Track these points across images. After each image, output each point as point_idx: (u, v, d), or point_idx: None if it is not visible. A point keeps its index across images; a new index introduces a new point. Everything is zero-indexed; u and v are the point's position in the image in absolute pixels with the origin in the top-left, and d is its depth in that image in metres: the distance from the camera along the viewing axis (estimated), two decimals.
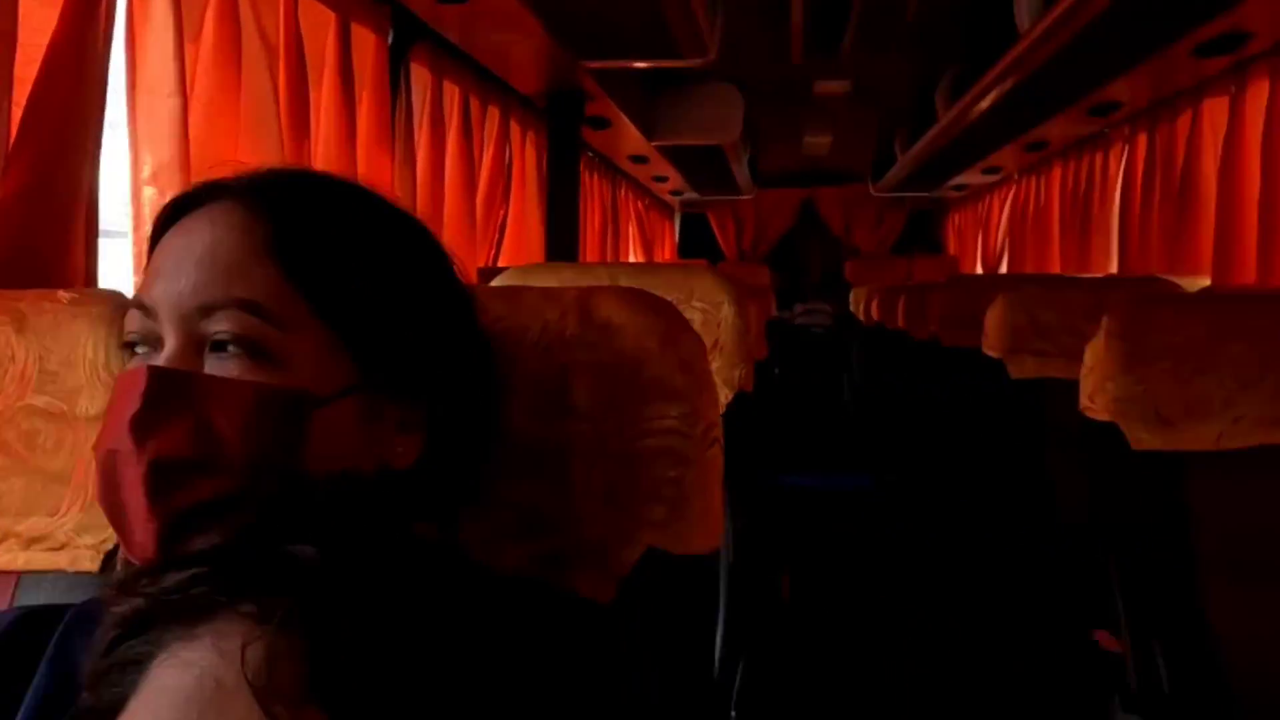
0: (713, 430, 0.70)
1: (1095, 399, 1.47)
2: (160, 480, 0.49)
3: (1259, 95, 2.68)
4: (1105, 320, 1.47)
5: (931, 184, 5.94)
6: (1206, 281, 2.76)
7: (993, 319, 2.25)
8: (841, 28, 3.16)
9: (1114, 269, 3.77)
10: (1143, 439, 1.41)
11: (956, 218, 7.26)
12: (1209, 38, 2.37)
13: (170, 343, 0.53)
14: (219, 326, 0.52)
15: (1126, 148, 3.69)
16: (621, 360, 0.69)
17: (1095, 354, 1.48)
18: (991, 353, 2.25)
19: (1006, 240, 5.60)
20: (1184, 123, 3.15)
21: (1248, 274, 2.69)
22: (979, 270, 6.19)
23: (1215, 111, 2.98)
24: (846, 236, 7.78)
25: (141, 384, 0.50)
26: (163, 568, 0.38)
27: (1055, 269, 4.47)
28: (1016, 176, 5.31)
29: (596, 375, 0.70)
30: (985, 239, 6.15)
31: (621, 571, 0.69)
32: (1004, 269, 5.59)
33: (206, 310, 0.53)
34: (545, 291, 0.74)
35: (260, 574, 0.36)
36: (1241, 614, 1.32)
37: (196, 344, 0.53)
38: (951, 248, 7.39)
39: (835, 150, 5.75)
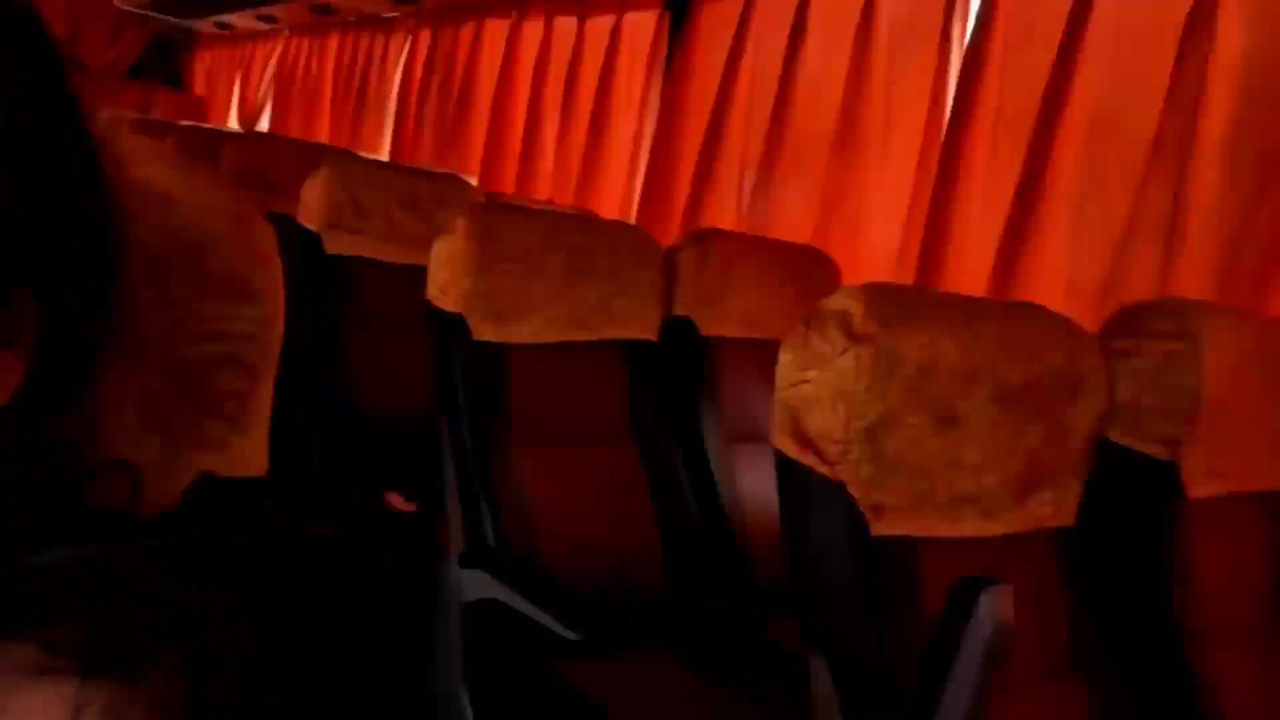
0: (281, 336, 0.61)
1: (447, 291, 1.61)
2: None
3: (535, 30, 3.12)
4: (463, 221, 1.61)
5: (194, 11, 5.40)
6: (475, 181, 3.14)
7: (314, 190, 2.23)
8: None
9: (385, 153, 4.00)
10: (484, 331, 1.61)
11: (209, 56, 6.73)
12: None
13: None
14: None
15: (411, 38, 3.91)
16: (178, 243, 0.56)
17: (450, 250, 1.61)
18: (310, 225, 2.23)
19: (270, 96, 5.43)
20: (468, 33, 3.47)
21: (509, 184, 3.16)
22: (233, 122, 5.88)
23: (495, 31, 3.36)
24: (70, 45, 6.57)
25: None
26: None
27: (324, 139, 4.53)
28: (289, 33, 5.16)
29: (140, 259, 0.55)
30: (244, 89, 5.86)
31: (166, 503, 0.57)
32: (264, 127, 5.43)
33: None
34: None
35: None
36: (543, 474, 1.63)
37: None
38: (198, 88, 6.84)
39: None
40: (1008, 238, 1.65)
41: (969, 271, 1.71)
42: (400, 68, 3.98)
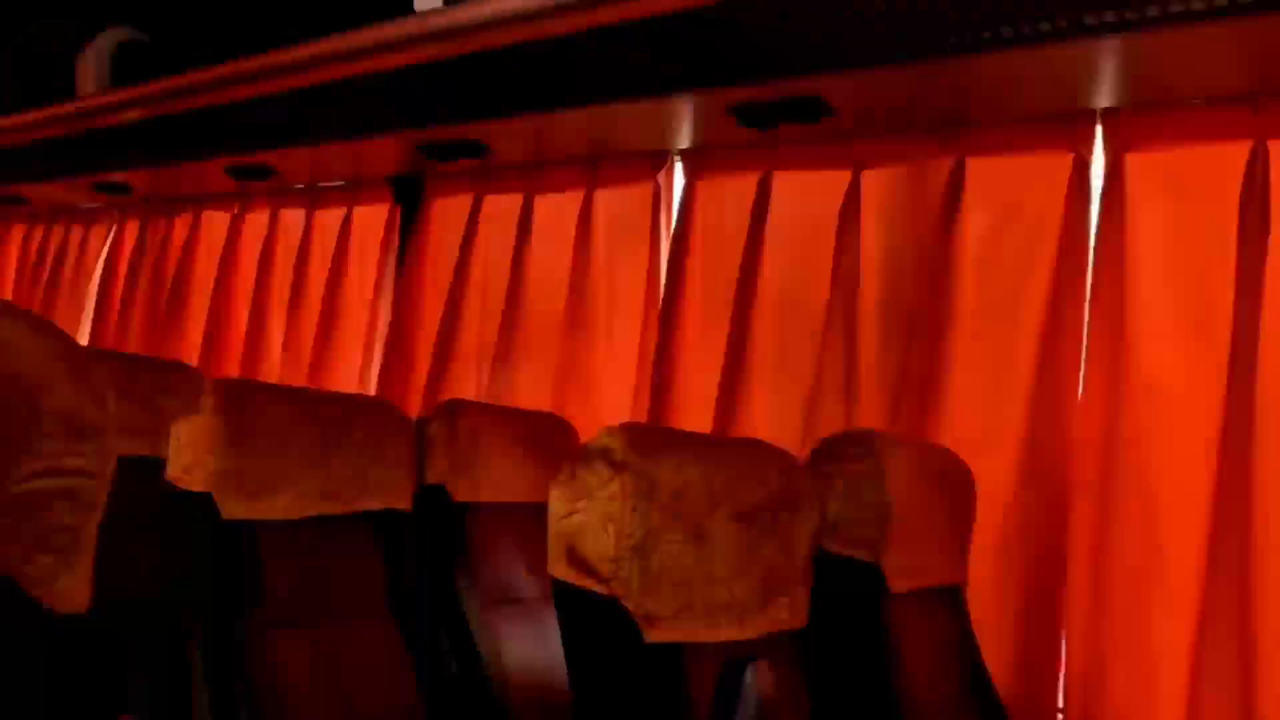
0: (114, 471, 0.64)
1: (192, 471, 1.57)
2: None
3: (259, 220, 3.16)
4: (209, 399, 1.59)
5: None
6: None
7: None
8: None
9: (83, 343, 3.73)
10: (233, 510, 1.57)
11: None
12: (245, 164, 2.73)
13: None
14: None
15: (116, 228, 3.76)
16: (15, 386, 0.59)
17: (195, 429, 1.58)
18: None
19: None
20: (183, 223, 3.42)
21: (232, 372, 3.07)
22: None
23: (215, 221, 3.34)
24: None
25: None
26: None
27: None
28: None
29: None
30: None
31: None
32: None
33: None
34: None
35: None
36: (300, 657, 1.57)
37: None
38: None
39: None
40: (722, 396, 1.90)
41: (693, 424, 1.93)
42: (102, 259, 3.80)
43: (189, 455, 1.57)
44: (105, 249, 3.80)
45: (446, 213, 2.59)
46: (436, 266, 2.58)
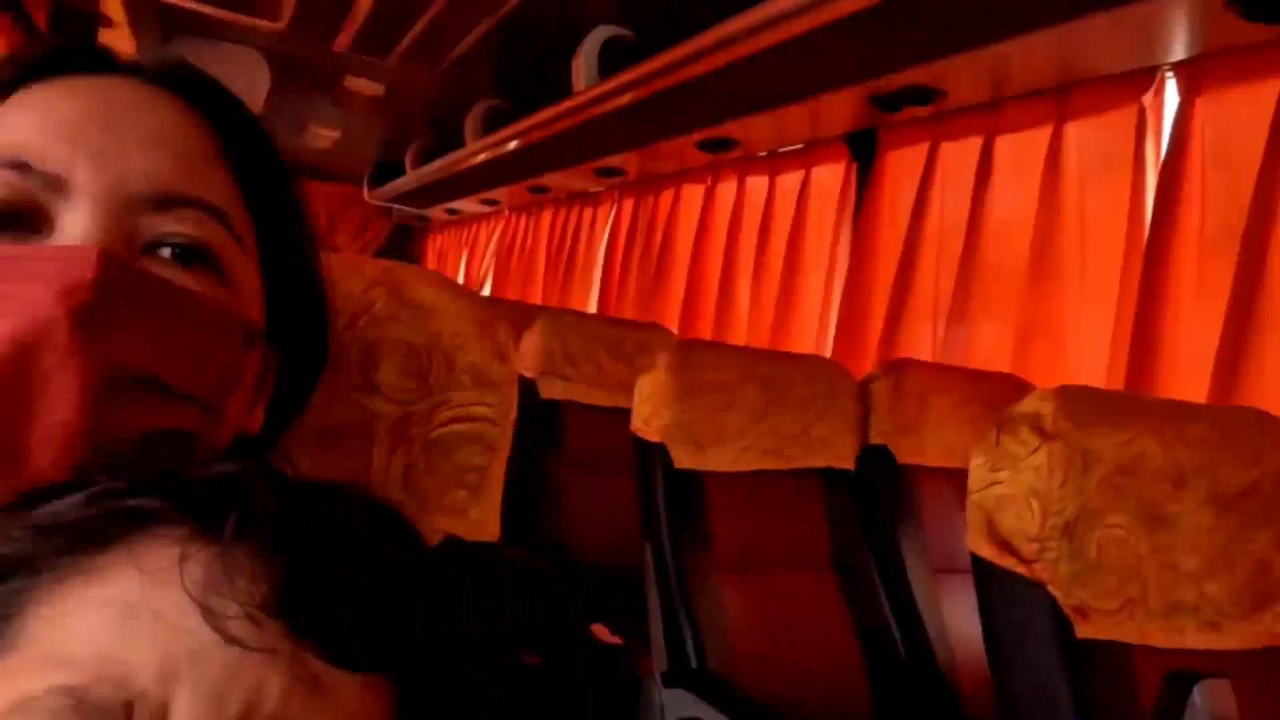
0: (514, 420, 0.72)
1: (650, 423, 1.72)
2: (109, 392, 0.38)
3: (728, 190, 3.34)
4: (664, 357, 1.73)
5: (429, 202, 6.12)
6: (675, 330, 3.32)
7: (530, 340, 2.45)
8: (400, 32, 3.18)
9: (592, 309, 4.31)
10: (684, 459, 1.69)
11: (439, 239, 7.56)
12: (712, 138, 2.90)
13: (88, 228, 0.40)
14: (177, 228, 0.42)
15: (615, 207, 4.26)
16: (437, 343, 0.69)
17: (653, 384, 1.73)
18: (525, 372, 2.44)
19: (491, 267, 6.01)
20: (667, 198, 3.76)
21: (706, 332, 3.31)
22: None
23: (692, 194, 3.62)
24: (329, 235, 7.61)
25: (91, 268, 0.38)
26: (35, 499, 0.31)
27: (538, 301, 4.93)
28: (508, 212, 5.74)
29: (408, 355, 0.68)
30: (470, 262, 6.51)
31: None
32: (486, 293, 5.97)
33: (164, 203, 0.42)
34: (341, 260, 0.70)
35: (183, 492, 0.32)
36: (743, 598, 1.65)
37: (125, 239, 0.41)
38: (431, 264, 7.65)
39: (340, 147, 5.63)
40: (1222, 355, 1.58)
41: (1183, 388, 1.63)
42: (606, 234, 4.33)
43: (648, 408, 1.73)
44: (608, 227, 4.32)
45: (900, 165, 2.49)
46: (891, 222, 2.50)
